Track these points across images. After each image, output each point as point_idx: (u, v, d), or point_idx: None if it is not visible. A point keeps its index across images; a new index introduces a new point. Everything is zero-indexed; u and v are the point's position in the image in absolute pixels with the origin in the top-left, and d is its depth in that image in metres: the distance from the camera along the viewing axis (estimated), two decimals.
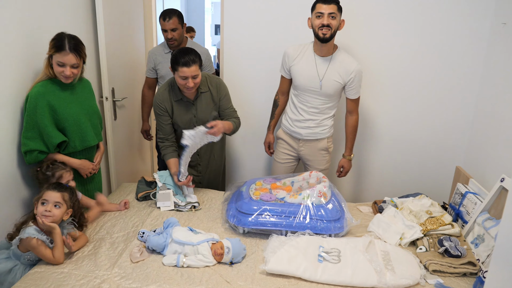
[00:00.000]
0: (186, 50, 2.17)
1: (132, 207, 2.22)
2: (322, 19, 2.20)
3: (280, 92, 2.59)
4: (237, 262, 1.74)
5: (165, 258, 1.72)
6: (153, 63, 2.87)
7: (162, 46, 2.89)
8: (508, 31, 2.31)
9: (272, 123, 2.66)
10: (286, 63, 2.44)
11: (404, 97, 2.78)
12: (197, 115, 2.34)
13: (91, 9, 2.56)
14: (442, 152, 2.83)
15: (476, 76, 2.63)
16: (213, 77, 2.39)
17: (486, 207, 1.94)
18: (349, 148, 2.55)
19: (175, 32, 2.74)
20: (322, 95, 2.37)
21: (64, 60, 1.87)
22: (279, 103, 2.60)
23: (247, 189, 2.13)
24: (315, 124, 2.44)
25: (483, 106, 2.57)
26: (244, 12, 2.77)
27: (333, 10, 2.19)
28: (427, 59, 2.67)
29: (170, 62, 2.17)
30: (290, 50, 2.42)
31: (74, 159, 2.06)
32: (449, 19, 2.56)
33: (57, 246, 1.66)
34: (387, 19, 2.63)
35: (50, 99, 1.91)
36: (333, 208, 1.97)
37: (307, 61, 2.37)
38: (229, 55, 2.89)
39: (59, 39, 1.88)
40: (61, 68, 1.89)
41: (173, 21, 2.71)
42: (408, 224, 1.98)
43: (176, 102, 2.31)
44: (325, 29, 2.21)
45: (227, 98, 2.38)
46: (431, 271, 1.72)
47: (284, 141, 2.59)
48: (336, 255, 1.75)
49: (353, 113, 2.48)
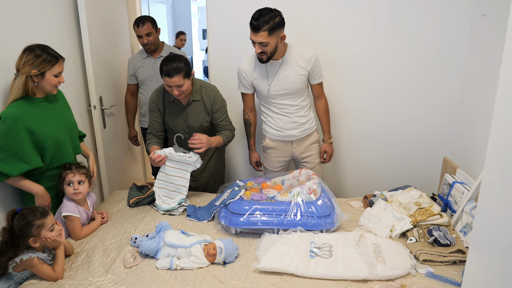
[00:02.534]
0: (172, 58, 2.15)
1: (124, 214, 2.22)
2: (254, 46, 2.20)
3: (247, 110, 2.56)
4: (230, 262, 1.76)
5: (158, 262, 1.73)
6: (133, 69, 2.98)
7: (140, 52, 3.05)
8: (487, 22, 2.36)
9: (252, 142, 2.64)
10: (246, 80, 2.42)
11: (389, 91, 2.81)
12: (187, 121, 2.35)
13: (74, 18, 2.57)
14: (430, 144, 2.87)
15: (459, 68, 2.67)
16: (210, 89, 2.36)
17: (473, 195, 1.97)
18: (327, 132, 2.58)
19: (150, 37, 2.90)
20: (291, 93, 2.38)
21: (62, 68, 1.90)
22: (250, 120, 2.58)
23: (233, 189, 2.16)
24: (302, 120, 2.45)
25: (467, 97, 2.61)
26: (228, 16, 2.78)
27: (262, 40, 2.14)
28: (411, 52, 2.70)
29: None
30: (244, 66, 2.40)
31: (35, 185, 1.89)
32: (430, 11, 2.60)
33: (58, 261, 1.66)
34: (369, 12, 2.66)
35: (27, 121, 1.82)
36: (323, 204, 1.99)
37: (263, 70, 2.36)
38: (216, 58, 2.90)
39: (46, 52, 1.84)
40: (58, 79, 1.90)
41: (146, 26, 2.86)
42: (398, 216, 2.00)
43: (169, 103, 2.33)
44: (260, 55, 2.23)
45: (221, 110, 2.37)
46: (422, 261, 1.74)
47: (275, 149, 2.56)
48: (327, 250, 1.77)
49: (321, 96, 2.51)
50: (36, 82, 1.86)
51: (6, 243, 1.61)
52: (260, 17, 2.11)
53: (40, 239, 1.62)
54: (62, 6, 2.46)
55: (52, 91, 1.93)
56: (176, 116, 2.35)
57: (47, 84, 1.88)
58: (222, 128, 2.42)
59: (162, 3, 6.14)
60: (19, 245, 1.59)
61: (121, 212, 2.25)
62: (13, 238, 1.60)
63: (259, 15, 2.12)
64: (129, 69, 3.00)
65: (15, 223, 1.60)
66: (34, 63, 1.80)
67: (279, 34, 2.19)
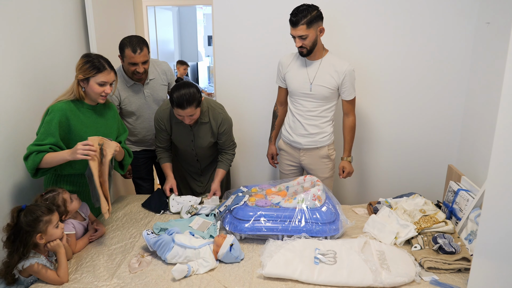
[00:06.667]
0: (183, 87, 2.10)
1: (130, 219, 2.24)
2: (295, 41, 2.27)
3: (278, 103, 2.62)
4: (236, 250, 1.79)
5: (175, 271, 1.67)
6: (118, 100, 2.47)
7: (120, 78, 2.46)
8: (492, 30, 2.37)
9: (273, 134, 2.68)
10: (281, 72, 2.49)
11: (394, 99, 2.82)
12: (194, 141, 2.38)
13: (82, 25, 2.61)
14: (434, 151, 2.87)
15: (464, 75, 2.67)
16: (218, 112, 2.35)
17: (478, 203, 1.97)
18: (346, 150, 2.54)
19: (146, 65, 2.39)
20: (314, 98, 2.39)
21: (107, 78, 1.93)
22: (278, 113, 2.63)
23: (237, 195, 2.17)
24: (314, 130, 2.43)
25: (472, 104, 2.62)
26: (234, 22, 2.80)
27: (302, 33, 2.21)
28: (415, 59, 2.71)
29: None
30: (283, 59, 2.48)
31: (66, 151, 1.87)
32: (434, 19, 2.62)
33: (61, 266, 1.66)
34: (372, 21, 2.68)
35: (70, 117, 1.92)
36: (327, 210, 1.99)
37: (298, 66, 2.41)
38: (221, 64, 2.91)
39: (94, 60, 1.91)
40: (102, 88, 1.93)
41: (144, 52, 2.34)
42: (402, 223, 2.00)
43: (175, 124, 2.33)
44: (300, 49, 2.30)
45: (226, 132, 2.39)
46: (426, 268, 1.74)
47: (285, 151, 2.60)
48: (332, 256, 1.77)
49: (349, 114, 2.49)
50: (83, 88, 1.94)
51: (9, 238, 1.62)
52: (298, 12, 2.20)
53: (47, 235, 1.64)
54: (71, 13, 2.50)
55: (98, 100, 1.98)
56: (183, 135, 2.37)
57: (91, 91, 1.94)
58: (223, 149, 2.46)
59: (168, 10, 6.19)
60: (27, 241, 1.59)
61: (126, 217, 2.26)
62: (18, 235, 1.60)
63: (297, 11, 2.21)
64: (112, 100, 2.43)
65: (22, 219, 1.60)
66: (82, 68, 1.90)
67: (317, 27, 2.24)
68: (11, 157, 1.99)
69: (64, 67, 2.43)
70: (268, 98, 2.83)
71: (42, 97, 2.21)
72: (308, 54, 2.32)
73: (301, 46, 2.27)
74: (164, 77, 2.60)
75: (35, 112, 2.13)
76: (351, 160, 2.57)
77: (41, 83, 2.22)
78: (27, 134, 2.08)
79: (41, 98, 2.20)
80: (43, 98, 2.20)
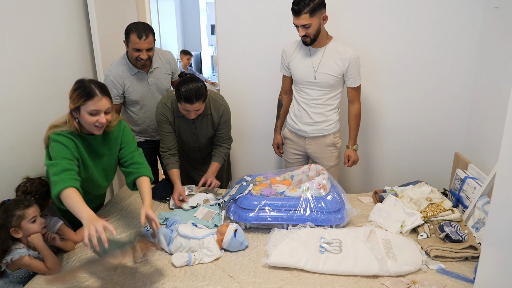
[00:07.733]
0: (190, 81, 2.05)
1: (134, 209, 2.24)
2: (298, 30, 2.23)
3: (283, 92, 2.60)
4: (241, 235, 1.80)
5: (175, 259, 1.69)
6: (122, 88, 2.45)
7: (124, 66, 2.45)
8: (500, 14, 2.31)
9: (278, 123, 2.66)
10: (285, 61, 2.45)
11: (401, 86, 2.78)
12: (196, 133, 2.37)
13: (84, 15, 2.59)
14: (441, 139, 2.83)
15: (472, 62, 2.62)
16: (219, 103, 2.33)
17: (485, 191, 1.95)
18: (352, 138, 2.52)
19: (150, 52, 2.37)
20: (319, 86, 2.36)
21: (99, 106, 1.66)
22: (283, 102, 2.61)
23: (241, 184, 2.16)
24: (320, 118, 2.41)
25: (479, 91, 2.57)
26: (237, 11, 2.77)
27: (305, 22, 2.17)
28: (422, 46, 2.66)
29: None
30: (286, 47, 2.45)
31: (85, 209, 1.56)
32: (441, 3, 2.56)
33: (45, 257, 1.65)
34: (379, 8, 2.63)
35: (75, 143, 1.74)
36: (332, 199, 1.98)
37: (302, 54, 2.38)
38: (224, 53, 2.89)
39: (83, 85, 1.66)
40: (95, 117, 1.68)
41: (149, 39, 2.32)
42: (408, 212, 1.98)
43: (178, 117, 2.31)
44: (304, 38, 2.26)
45: (225, 123, 2.37)
46: (433, 256, 1.72)
47: (291, 140, 2.59)
48: (337, 245, 1.76)
49: (354, 102, 2.46)
50: (76, 118, 1.71)
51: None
52: (300, 1, 2.15)
53: (22, 230, 1.62)
54: (72, 2, 2.47)
55: (94, 131, 1.73)
56: (185, 128, 2.36)
57: (84, 122, 1.70)
58: (219, 142, 2.43)
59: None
60: (2, 235, 1.59)
61: (130, 207, 2.26)
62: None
63: (299, 0, 2.16)
64: (114, 88, 2.43)
65: (0, 214, 1.62)
66: (72, 96, 1.68)
67: (320, 15, 2.21)
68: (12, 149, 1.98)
69: (65, 57, 2.42)
70: (272, 87, 2.80)
71: (44, 87, 2.20)
72: (312, 43, 2.29)
73: (305, 35, 2.24)
74: (168, 66, 2.58)
75: (38, 103, 2.12)
76: (356, 149, 2.54)
77: (44, 74, 2.21)
78: (29, 125, 2.07)
79: (43, 88, 2.19)
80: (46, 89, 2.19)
